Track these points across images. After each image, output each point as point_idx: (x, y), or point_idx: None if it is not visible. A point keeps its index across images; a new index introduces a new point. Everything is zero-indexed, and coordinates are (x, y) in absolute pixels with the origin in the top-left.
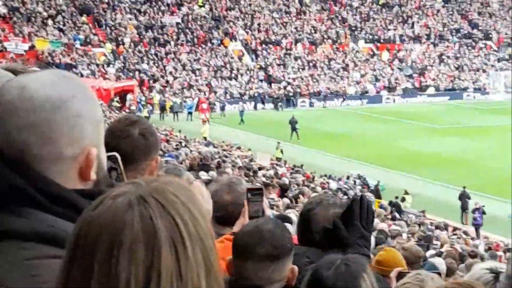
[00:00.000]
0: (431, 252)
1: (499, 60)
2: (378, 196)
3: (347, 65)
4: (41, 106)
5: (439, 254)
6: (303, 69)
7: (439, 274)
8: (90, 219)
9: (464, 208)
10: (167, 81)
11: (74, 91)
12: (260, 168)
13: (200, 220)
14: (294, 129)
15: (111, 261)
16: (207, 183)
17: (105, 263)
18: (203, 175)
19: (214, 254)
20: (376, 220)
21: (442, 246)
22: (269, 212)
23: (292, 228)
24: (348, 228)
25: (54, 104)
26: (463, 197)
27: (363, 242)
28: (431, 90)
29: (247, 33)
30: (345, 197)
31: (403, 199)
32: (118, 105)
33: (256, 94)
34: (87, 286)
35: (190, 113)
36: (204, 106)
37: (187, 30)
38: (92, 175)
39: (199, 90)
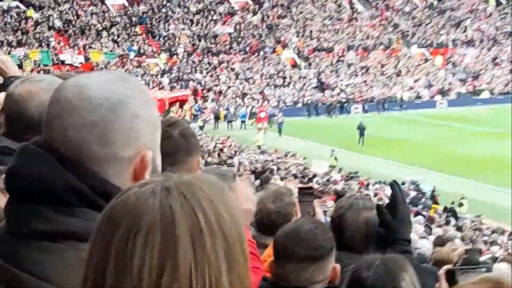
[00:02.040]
0: (485, 257)
1: None
2: (435, 201)
3: (400, 70)
4: (99, 105)
5: (494, 259)
6: (356, 75)
7: None
8: (114, 204)
9: None
10: (221, 91)
11: (132, 92)
12: (314, 176)
13: (225, 217)
14: (362, 134)
15: (127, 245)
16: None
17: (121, 247)
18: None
19: (239, 252)
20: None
21: (498, 251)
22: (320, 211)
23: None
24: (395, 214)
25: (112, 104)
26: None
27: (407, 227)
28: (485, 94)
29: (299, 40)
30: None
31: (460, 204)
32: (175, 115)
33: (309, 102)
34: (104, 269)
35: (243, 121)
36: (262, 115)
37: (240, 39)
38: (147, 178)
39: (253, 98)
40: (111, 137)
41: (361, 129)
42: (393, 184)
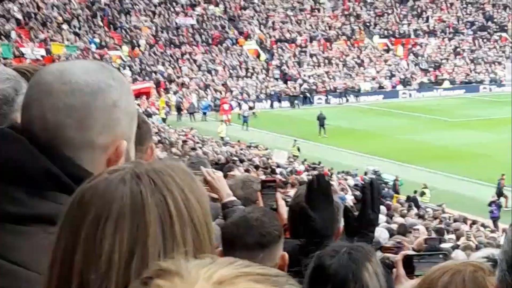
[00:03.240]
0: (446, 245)
1: None
2: (396, 191)
3: (363, 61)
4: (80, 90)
5: (455, 247)
6: (319, 66)
7: None
8: (84, 190)
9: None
10: (183, 82)
11: (113, 81)
12: (278, 166)
13: (194, 204)
14: (322, 124)
15: (97, 231)
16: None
17: (91, 232)
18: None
19: (207, 239)
20: (395, 215)
21: (458, 239)
22: (283, 204)
23: None
24: (361, 217)
25: (92, 90)
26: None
27: (370, 228)
28: (447, 84)
29: (262, 31)
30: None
31: (422, 193)
32: (139, 107)
33: (272, 93)
34: (73, 253)
35: (205, 113)
36: (226, 107)
37: (202, 31)
38: None
39: (215, 90)
40: (89, 123)
41: (321, 119)
42: (365, 187)
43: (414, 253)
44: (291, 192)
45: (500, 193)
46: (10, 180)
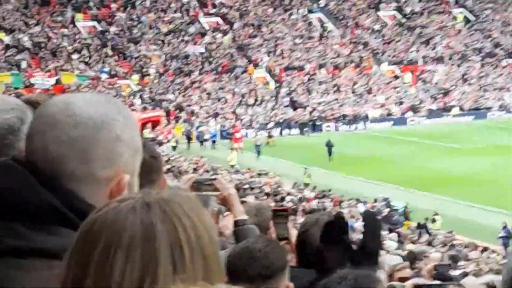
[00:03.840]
0: (456, 272)
1: None
2: (407, 218)
3: (371, 88)
4: (83, 124)
5: (464, 275)
6: (328, 93)
7: None
8: (94, 219)
9: None
10: (193, 111)
11: (118, 115)
12: (288, 194)
13: (203, 232)
14: (330, 152)
15: (107, 260)
16: None
17: (101, 262)
18: None
19: (216, 269)
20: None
21: (468, 266)
22: (294, 233)
23: None
24: (362, 249)
25: (96, 124)
26: None
27: (372, 259)
28: (455, 111)
29: (271, 59)
30: None
31: (433, 220)
32: (150, 136)
33: (281, 120)
34: (82, 282)
35: (214, 141)
36: (238, 135)
37: (211, 59)
38: None
39: (225, 118)
40: (91, 155)
41: (329, 146)
42: (365, 217)
43: (424, 282)
44: (301, 220)
45: None
46: (11, 214)
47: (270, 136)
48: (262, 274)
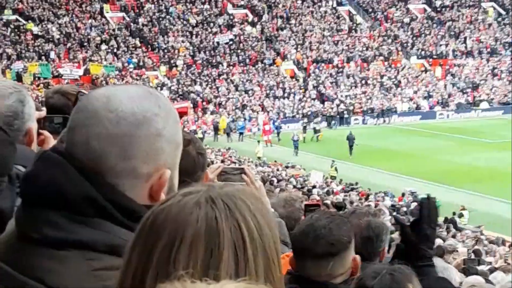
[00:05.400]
0: (482, 267)
1: None
2: None
3: (400, 81)
4: (124, 119)
5: (492, 270)
6: (356, 86)
7: None
8: (158, 211)
9: None
10: (220, 103)
11: (159, 110)
12: (314, 187)
13: (265, 228)
14: (351, 145)
15: (171, 254)
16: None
17: (165, 255)
18: None
19: (276, 265)
20: None
21: (496, 261)
22: None
23: None
24: (418, 233)
25: (137, 120)
26: None
27: (428, 244)
28: (484, 105)
29: (299, 52)
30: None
31: (461, 215)
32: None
33: (309, 113)
34: (144, 276)
35: (241, 133)
36: (267, 127)
37: (239, 51)
38: (162, 196)
39: (252, 110)
40: (132, 152)
41: (350, 139)
42: (423, 202)
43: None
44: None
45: None
46: (50, 204)
47: (316, 131)
48: (328, 252)
